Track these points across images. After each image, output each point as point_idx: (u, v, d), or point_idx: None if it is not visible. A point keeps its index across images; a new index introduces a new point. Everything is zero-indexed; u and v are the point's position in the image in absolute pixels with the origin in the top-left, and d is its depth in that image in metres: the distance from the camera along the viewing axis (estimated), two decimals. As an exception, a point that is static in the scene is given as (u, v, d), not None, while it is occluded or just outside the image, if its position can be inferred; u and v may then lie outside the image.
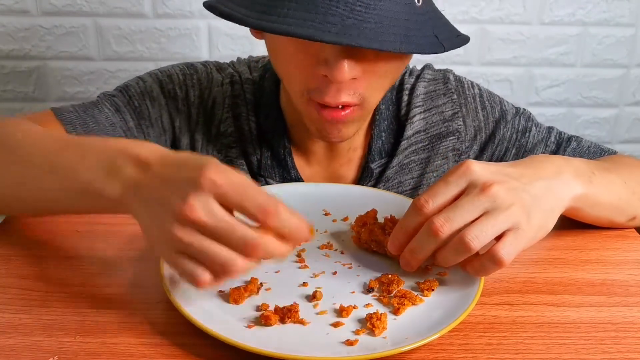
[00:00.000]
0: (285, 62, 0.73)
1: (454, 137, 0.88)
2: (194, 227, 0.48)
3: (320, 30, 0.61)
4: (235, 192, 0.49)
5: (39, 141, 0.63)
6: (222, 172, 0.49)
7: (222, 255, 0.48)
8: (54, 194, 0.60)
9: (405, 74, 0.91)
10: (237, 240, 0.48)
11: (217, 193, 0.48)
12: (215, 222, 0.48)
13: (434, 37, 0.67)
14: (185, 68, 0.89)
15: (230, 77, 0.89)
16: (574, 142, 0.88)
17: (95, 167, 0.56)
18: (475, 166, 0.57)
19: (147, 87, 0.87)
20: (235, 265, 0.48)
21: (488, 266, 0.55)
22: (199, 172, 0.48)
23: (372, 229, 0.63)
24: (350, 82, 0.69)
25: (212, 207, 0.48)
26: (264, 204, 0.49)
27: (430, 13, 0.68)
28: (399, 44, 0.63)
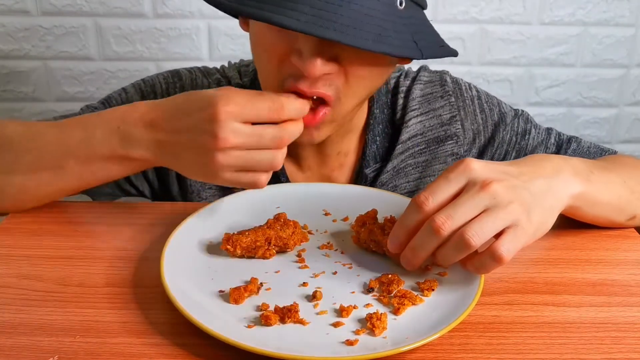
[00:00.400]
0: (261, 52, 0.71)
1: (452, 142, 0.87)
2: (233, 150, 0.60)
3: (290, 18, 0.60)
4: (248, 111, 0.60)
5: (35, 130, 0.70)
6: (230, 100, 0.60)
7: (265, 157, 0.62)
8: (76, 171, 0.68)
9: (400, 76, 0.90)
10: (269, 142, 0.61)
11: (236, 118, 0.59)
12: (247, 139, 0.60)
13: (412, 42, 0.65)
14: (169, 76, 0.88)
15: (217, 82, 0.88)
16: (574, 143, 0.88)
17: (106, 138, 0.65)
18: (474, 164, 0.57)
19: (129, 98, 0.87)
20: (277, 159, 0.62)
21: (488, 263, 0.55)
22: (213, 110, 0.59)
23: (372, 229, 0.63)
24: (326, 76, 0.67)
25: (239, 129, 0.60)
26: (272, 104, 0.61)
27: (414, 19, 0.67)
28: (371, 41, 0.61)
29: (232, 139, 0.59)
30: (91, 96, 1.51)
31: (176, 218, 0.68)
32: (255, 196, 0.73)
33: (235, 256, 0.62)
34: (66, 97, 1.52)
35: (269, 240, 0.63)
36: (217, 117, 0.59)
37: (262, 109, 0.60)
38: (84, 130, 0.66)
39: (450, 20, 1.49)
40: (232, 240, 0.61)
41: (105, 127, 0.65)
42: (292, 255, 0.64)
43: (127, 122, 0.64)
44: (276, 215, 0.66)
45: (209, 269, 0.60)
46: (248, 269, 0.60)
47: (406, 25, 0.65)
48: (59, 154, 0.67)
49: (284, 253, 0.64)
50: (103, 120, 0.66)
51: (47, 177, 0.68)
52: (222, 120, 0.59)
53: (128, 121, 0.64)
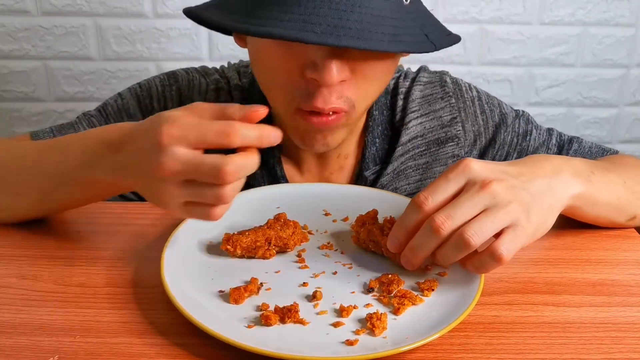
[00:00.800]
0: (269, 70, 0.71)
1: (453, 143, 0.87)
2: (175, 179, 0.53)
3: (304, 31, 0.59)
4: (191, 132, 0.52)
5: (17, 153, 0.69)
6: (174, 123, 0.53)
7: (210, 192, 0.53)
8: (55, 193, 0.65)
9: (399, 77, 0.89)
10: (208, 171, 0.52)
11: (179, 142, 0.52)
12: (184, 167, 0.52)
13: (424, 36, 0.66)
14: (165, 79, 0.88)
15: (215, 83, 0.87)
16: (575, 143, 0.88)
17: (80, 162, 0.61)
18: (474, 164, 0.57)
19: (125, 104, 0.87)
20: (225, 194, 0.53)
21: (488, 263, 0.55)
22: (157, 132, 0.53)
23: (371, 229, 0.63)
24: (339, 86, 0.67)
25: (179, 155, 0.52)
26: (221, 129, 0.52)
27: (419, 12, 0.68)
28: (387, 42, 0.62)
29: (171, 166, 0.52)
30: (91, 96, 1.51)
31: (176, 218, 0.68)
32: (256, 196, 0.73)
33: (236, 256, 0.62)
34: (66, 97, 1.52)
35: (269, 241, 0.63)
36: (160, 140, 0.52)
37: (208, 133, 0.52)
38: (59, 153, 0.64)
39: (450, 20, 1.49)
40: (232, 241, 0.61)
41: (78, 150, 0.62)
42: (292, 255, 0.64)
43: (95, 144, 0.60)
44: (276, 216, 0.66)
45: (209, 269, 0.60)
46: (248, 269, 0.60)
47: (414, 20, 0.66)
48: (37, 177, 0.66)
49: (284, 253, 0.64)
50: (78, 142, 0.64)
51: (23, 200, 0.67)
52: (164, 144, 0.52)
53: (96, 143, 0.60)
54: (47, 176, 0.64)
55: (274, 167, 0.84)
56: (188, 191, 0.54)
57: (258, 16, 0.62)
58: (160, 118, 0.54)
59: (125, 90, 0.88)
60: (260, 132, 0.54)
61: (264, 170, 0.85)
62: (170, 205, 0.56)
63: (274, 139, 0.55)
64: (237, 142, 0.53)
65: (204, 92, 0.87)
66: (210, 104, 0.55)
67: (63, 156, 0.63)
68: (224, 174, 0.51)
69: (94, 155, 0.60)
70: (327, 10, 0.60)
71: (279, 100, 0.73)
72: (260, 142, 0.54)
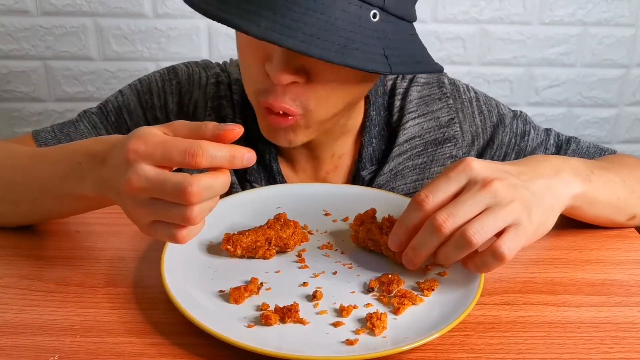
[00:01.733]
0: (242, 60, 0.72)
1: (450, 144, 0.87)
2: (141, 196, 0.52)
3: (251, 22, 0.59)
4: (157, 150, 0.51)
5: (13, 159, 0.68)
6: (141, 139, 0.52)
7: (177, 211, 0.51)
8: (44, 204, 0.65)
9: (397, 78, 0.89)
10: (172, 190, 0.50)
11: (144, 158, 0.51)
12: (148, 184, 0.51)
13: (382, 56, 0.63)
14: (165, 73, 0.88)
15: (215, 76, 0.88)
16: (573, 143, 0.88)
17: (67, 176, 0.60)
18: (475, 163, 0.57)
19: (125, 100, 0.87)
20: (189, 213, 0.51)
21: (489, 262, 0.55)
22: (125, 148, 0.52)
23: (370, 227, 0.63)
24: (293, 88, 0.67)
25: (145, 172, 0.51)
26: (187, 148, 0.50)
27: (389, 33, 0.64)
28: (333, 52, 0.59)
29: (135, 182, 0.51)
30: (91, 96, 1.51)
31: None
32: (256, 196, 0.73)
33: (236, 256, 0.62)
34: (66, 97, 1.52)
35: (269, 241, 0.63)
36: (127, 156, 0.52)
37: (174, 151, 0.51)
38: (50, 165, 0.63)
39: (450, 20, 1.49)
40: (233, 241, 0.61)
41: (66, 161, 0.61)
42: (293, 255, 0.64)
43: (82, 157, 0.59)
44: (276, 216, 0.66)
45: (209, 269, 0.61)
46: (248, 269, 0.60)
47: (379, 39, 0.63)
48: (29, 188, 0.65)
49: (284, 253, 0.64)
50: (67, 153, 0.62)
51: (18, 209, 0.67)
52: (130, 160, 0.51)
53: (83, 156, 0.59)
54: (38, 187, 0.64)
55: (270, 163, 0.84)
56: (154, 210, 0.52)
57: (230, 3, 0.62)
58: (132, 133, 0.53)
59: (125, 87, 0.89)
60: (232, 153, 0.52)
61: (260, 165, 0.85)
62: (138, 223, 0.54)
63: (247, 160, 0.53)
64: (204, 163, 0.51)
65: (204, 86, 0.87)
66: (187, 122, 0.54)
67: (52, 168, 0.62)
68: (187, 195, 0.49)
69: (81, 169, 0.59)
70: (279, 7, 0.60)
71: (248, 91, 0.74)
72: (231, 164, 0.52)
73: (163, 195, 0.51)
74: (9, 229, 0.69)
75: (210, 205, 0.53)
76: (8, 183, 0.67)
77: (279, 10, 0.59)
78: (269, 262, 0.62)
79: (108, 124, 0.86)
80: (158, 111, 0.86)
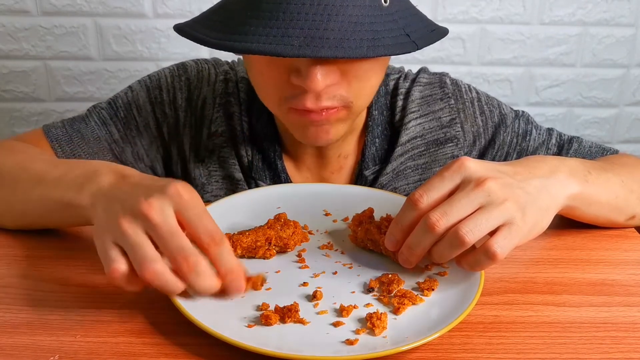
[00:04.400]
0: (258, 77, 0.72)
1: (452, 144, 0.87)
2: (142, 223, 0.50)
3: (282, 44, 0.60)
4: (193, 208, 0.51)
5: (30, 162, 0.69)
6: (191, 191, 0.52)
7: (147, 252, 0.49)
8: (37, 207, 0.65)
9: (399, 78, 0.90)
10: (174, 247, 0.49)
11: (178, 203, 0.50)
12: (163, 224, 0.49)
13: (405, 36, 0.66)
14: (175, 69, 0.89)
15: (224, 74, 0.88)
16: (575, 143, 0.88)
17: (76, 178, 0.60)
18: (469, 162, 0.57)
19: (134, 96, 0.87)
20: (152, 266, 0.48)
21: (482, 261, 0.55)
22: (170, 182, 0.52)
23: (368, 227, 0.63)
24: (329, 89, 0.68)
25: (168, 213, 0.50)
26: (213, 231, 0.51)
27: (400, 12, 0.67)
28: (366, 48, 0.62)
29: (154, 211, 0.49)
30: (91, 96, 1.51)
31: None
32: (256, 196, 0.74)
33: (236, 256, 0.62)
34: (66, 97, 1.52)
35: (269, 241, 0.63)
36: (166, 189, 0.51)
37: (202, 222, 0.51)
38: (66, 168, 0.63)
39: (450, 20, 1.49)
40: (233, 241, 0.62)
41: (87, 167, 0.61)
42: (293, 255, 0.64)
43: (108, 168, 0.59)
44: (276, 216, 0.66)
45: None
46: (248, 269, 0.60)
47: (395, 21, 0.66)
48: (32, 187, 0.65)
49: (285, 253, 0.64)
50: (92, 163, 0.63)
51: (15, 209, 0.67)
52: (167, 194, 0.50)
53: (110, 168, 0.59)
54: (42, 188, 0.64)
55: (275, 161, 0.84)
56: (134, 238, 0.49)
57: (239, 32, 0.63)
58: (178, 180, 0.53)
59: (135, 83, 0.89)
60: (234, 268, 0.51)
61: (265, 163, 0.85)
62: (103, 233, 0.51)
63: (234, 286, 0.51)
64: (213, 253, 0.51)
65: (212, 83, 0.88)
66: None
67: (66, 170, 0.62)
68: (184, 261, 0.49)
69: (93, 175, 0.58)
70: (304, 22, 0.61)
71: (270, 104, 0.74)
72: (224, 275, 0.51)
73: (163, 242, 0.49)
74: (9, 229, 0.69)
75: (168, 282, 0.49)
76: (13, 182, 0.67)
77: (303, 24, 0.61)
78: (269, 262, 0.62)
79: (117, 120, 0.86)
80: (167, 106, 0.87)
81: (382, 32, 0.64)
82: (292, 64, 0.66)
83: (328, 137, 0.73)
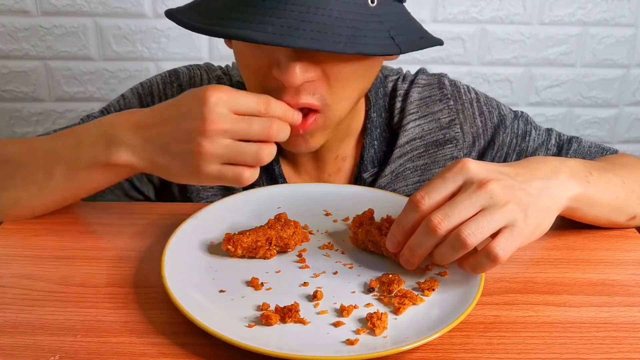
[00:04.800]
0: (245, 68, 0.72)
1: (451, 145, 0.87)
2: (221, 136, 0.59)
3: (258, 31, 0.60)
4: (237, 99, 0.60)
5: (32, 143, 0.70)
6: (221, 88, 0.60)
7: (251, 150, 0.60)
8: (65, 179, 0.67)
9: (398, 79, 0.89)
10: (259, 130, 0.60)
11: (225, 103, 0.59)
12: (235, 124, 0.59)
13: (389, 38, 0.65)
14: (167, 76, 0.89)
15: (217, 79, 0.88)
16: (575, 143, 0.88)
17: (93, 143, 0.64)
18: (471, 164, 0.57)
19: (127, 103, 0.87)
20: (264, 153, 0.60)
21: (484, 263, 0.55)
22: (203, 94, 0.59)
23: (369, 229, 0.63)
24: (308, 86, 0.67)
25: (227, 114, 0.59)
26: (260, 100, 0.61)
27: (388, 15, 0.66)
28: (343, 44, 0.61)
29: (220, 123, 0.59)
30: (91, 96, 1.51)
31: (177, 218, 0.68)
32: (256, 196, 0.74)
33: (236, 256, 0.62)
34: (66, 97, 1.52)
35: (269, 241, 0.63)
36: (207, 99, 0.59)
37: (250, 100, 0.61)
38: (74, 137, 0.66)
39: (450, 20, 1.49)
40: (233, 241, 0.62)
41: (94, 131, 0.65)
42: (293, 255, 0.64)
43: (115, 125, 0.64)
44: (277, 216, 0.66)
45: (210, 269, 0.61)
46: (249, 269, 0.61)
47: (381, 23, 0.65)
48: (48, 163, 0.67)
49: (285, 253, 0.64)
50: (93, 125, 0.66)
51: (37, 188, 0.68)
52: (212, 103, 0.59)
53: (116, 124, 0.64)
54: (63, 160, 0.66)
55: (272, 166, 0.84)
56: (227, 149, 0.59)
57: (224, 17, 0.62)
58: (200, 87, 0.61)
59: (127, 91, 0.89)
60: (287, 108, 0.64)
61: (262, 168, 0.84)
62: (203, 168, 0.60)
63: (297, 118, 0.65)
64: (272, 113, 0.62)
65: None
66: None
67: (77, 139, 0.66)
68: (270, 131, 0.60)
69: (108, 137, 0.63)
70: (283, 11, 0.60)
71: None
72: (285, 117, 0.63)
73: (248, 134, 0.60)
74: (10, 229, 0.69)
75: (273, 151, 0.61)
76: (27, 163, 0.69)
77: (282, 14, 0.60)
78: (270, 262, 0.62)
79: None
80: None
81: (364, 31, 0.63)
82: (274, 56, 0.66)
83: (307, 145, 0.72)
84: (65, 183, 0.67)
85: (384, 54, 0.64)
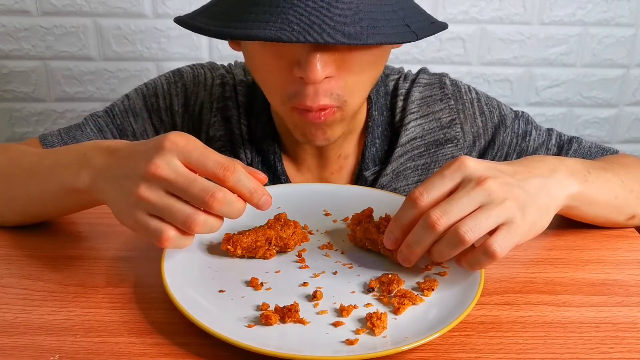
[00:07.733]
0: (261, 70, 0.72)
1: (452, 145, 0.87)
2: (159, 184, 0.53)
3: (282, 30, 0.60)
4: (196, 151, 0.54)
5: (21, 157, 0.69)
6: (184, 136, 0.55)
7: (184, 210, 0.53)
8: (37, 199, 0.65)
9: (399, 79, 0.90)
10: (198, 192, 0.53)
11: (179, 152, 0.54)
12: (177, 176, 0.53)
13: (405, 26, 0.66)
14: (171, 76, 0.89)
15: (221, 77, 0.88)
16: (575, 143, 0.88)
17: (69, 165, 0.61)
18: (469, 161, 0.57)
19: (131, 103, 0.88)
20: (197, 219, 0.53)
21: (482, 259, 0.55)
22: (163, 138, 0.54)
23: (367, 227, 0.63)
24: (326, 83, 0.68)
25: (175, 164, 0.53)
26: (223, 162, 0.54)
27: (399, 3, 0.68)
28: (365, 36, 0.62)
29: (162, 170, 0.53)
30: (91, 96, 1.51)
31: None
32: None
33: (236, 256, 0.62)
34: (66, 97, 1.52)
35: (269, 241, 0.63)
36: (162, 144, 0.54)
37: (210, 159, 0.54)
38: (55, 156, 0.64)
39: (450, 20, 1.49)
40: (233, 241, 0.62)
41: (75, 152, 0.62)
42: (293, 255, 0.64)
43: (95, 149, 0.60)
44: (277, 216, 0.66)
45: (210, 269, 0.61)
46: (248, 269, 0.61)
47: (395, 12, 0.66)
48: (25, 180, 0.66)
49: (285, 253, 0.64)
50: (80, 146, 0.63)
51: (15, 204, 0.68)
52: (166, 148, 0.53)
53: (97, 147, 0.60)
54: (38, 179, 0.64)
55: (275, 163, 0.84)
56: (163, 202, 0.53)
57: (239, 19, 0.63)
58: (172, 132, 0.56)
59: (132, 91, 0.90)
60: (255, 187, 0.56)
61: (265, 166, 0.85)
62: (131, 212, 0.54)
63: (263, 201, 0.56)
64: (231, 181, 0.54)
65: (209, 87, 0.88)
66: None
67: (57, 158, 0.64)
68: (213, 199, 0.52)
69: (85, 158, 0.60)
70: (304, 9, 0.61)
71: (274, 100, 0.74)
72: (251, 196, 0.56)
73: (186, 192, 0.53)
74: (9, 229, 0.69)
75: (213, 225, 0.55)
76: (9, 177, 0.68)
77: (304, 11, 0.61)
78: (269, 262, 0.62)
79: (114, 127, 0.87)
80: (163, 113, 0.87)
81: (382, 21, 0.64)
82: (294, 55, 0.66)
83: (325, 136, 0.74)
84: (39, 203, 0.66)
85: (403, 42, 0.66)
